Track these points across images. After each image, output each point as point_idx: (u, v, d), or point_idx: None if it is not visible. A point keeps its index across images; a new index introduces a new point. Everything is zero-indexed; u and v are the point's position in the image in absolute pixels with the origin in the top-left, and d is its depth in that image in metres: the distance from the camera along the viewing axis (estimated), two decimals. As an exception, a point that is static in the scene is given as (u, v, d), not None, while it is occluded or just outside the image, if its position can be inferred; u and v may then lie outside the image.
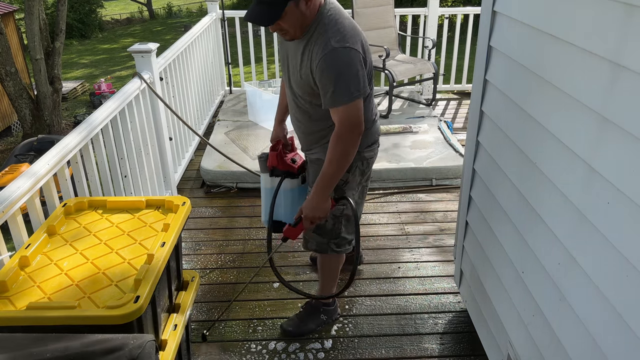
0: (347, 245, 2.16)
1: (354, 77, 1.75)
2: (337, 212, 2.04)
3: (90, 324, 1.35)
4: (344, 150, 1.82)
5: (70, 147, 2.01)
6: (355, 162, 1.97)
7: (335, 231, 2.09)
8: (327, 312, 2.35)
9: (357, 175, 2.03)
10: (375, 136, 2.05)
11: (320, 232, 2.10)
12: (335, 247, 2.13)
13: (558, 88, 1.36)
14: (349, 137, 1.81)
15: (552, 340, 1.43)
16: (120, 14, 28.69)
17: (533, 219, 1.53)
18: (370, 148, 2.03)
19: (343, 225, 2.09)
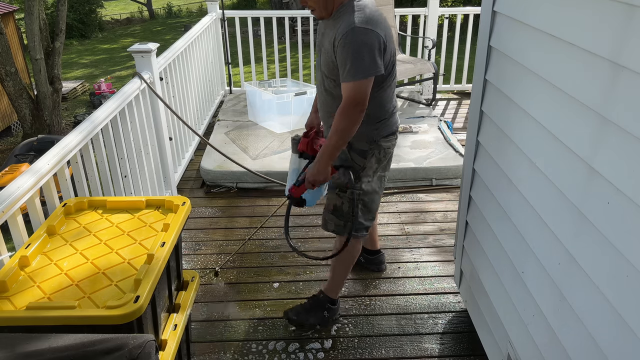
0: (364, 231, 2.24)
1: (371, 57, 1.85)
2: (354, 196, 2.11)
3: (90, 324, 1.35)
4: (347, 124, 1.92)
5: (70, 147, 2.01)
6: (372, 149, 2.08)
7: (353, 213, 2.15)
8: (331, 310, 2.37)
9: (373, 162, 2.12)
10: (393, 128, 2.13)
11: (337, 214, 2.19)
12: (352, 230, 2.17)
13: (558, 88, 1.36)
14: (352, 112, 1.90)
15: (552, 340, 1.43)
16: (120, 14, 28.69)
17: (533, 219, 1.53)
18: (388, 138, 2.11)
19: (360, 210, 2.17)
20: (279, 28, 5.25)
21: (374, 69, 1.87)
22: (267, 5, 21.59)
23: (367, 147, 2.09)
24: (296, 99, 4.17)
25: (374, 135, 2.07)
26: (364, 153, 2.09)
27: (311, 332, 2.32)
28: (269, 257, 2.87)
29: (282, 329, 2.34)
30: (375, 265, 2.71)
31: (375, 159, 2.12)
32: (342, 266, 2.31)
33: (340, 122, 1.93)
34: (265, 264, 2.81)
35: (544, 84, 1.44)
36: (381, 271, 2.72)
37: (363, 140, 2.07)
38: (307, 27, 5.76)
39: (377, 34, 1.85)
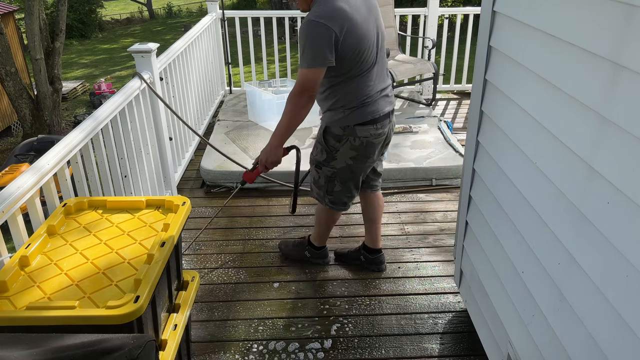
0: (342, 206, 2.47)
1: (317, 48, 2.01)
2: (329, 173, 2.35)
3: (90, 324, 1.35)
4: (292, 108, 2.13)
5: (70, 147, 2.01)
6: (346, 135, 2.23)
7: (328, 189, 2.40)
8: (312, 252, 2.74)
9: (347, 147, 2.26)
10: (369, 117, 2.21)
11: (317, 185, 2.45)
12: (329, 202, 2.46)
13: (558, 88, 1.36)
14: (298, 97, 2.10)
15: (552, 340, 1.43)
16: (120, 14, 28.68)
17: (533, 219, 1.53)
18: (364, 127, 2.21)
19: (337, 186, 2.38)
20: (279, 28, 5.25)
21: (320, 61, 2.02)
22: (267, 5, 21.59)
23: (341, 132, 2.23)
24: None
25: (346, 121, 2.20)
26: (339, 137, 2.24)
27: (311, 331, 2.32)
28: (269, 257, 2.87)
29: (282, 329, 2.34)
30: (376, 265, 2.73)
31: (350, 145, 2.24)
32: (319, 227, 2.64)
33: (288, 106, 2.13)
34: (265, 264, 2.81)
35: (544, 83, 1.44)
36: (381, 271, 2.72)
37: (337, 125, 2.24)
38: (307, 27, 5.75)
39: (326, 28, 1.99)
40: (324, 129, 2.29)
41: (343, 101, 2.18)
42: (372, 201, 2.61)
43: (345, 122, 2.20)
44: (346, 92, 2.17)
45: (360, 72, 2.14)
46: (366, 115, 2.19)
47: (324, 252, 2.76)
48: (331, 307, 2.47)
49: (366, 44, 2.11)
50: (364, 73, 2.15)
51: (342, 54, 2.05)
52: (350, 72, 2.12)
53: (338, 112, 2.21)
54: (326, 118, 2.28)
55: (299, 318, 2.41)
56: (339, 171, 2.32)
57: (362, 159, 2.29)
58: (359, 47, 2.08)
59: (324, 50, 2.00)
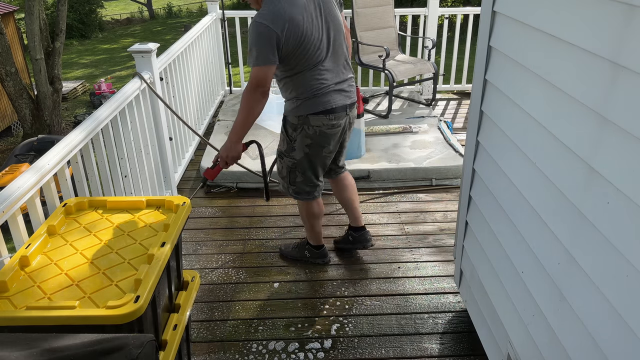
0: (305, 195, 2.56)
1: (260, 48, 2.14)
2: (289, 163, 2.48)
3: (90, 324, 1.35)
4: (247, 103, 2.24)
5: (71, 147, 2.01)
6: (301, 124, 2.36)
7: (290, 179, 2.52)
8: (311, 252, 2.78)
9: (303, 136, 2.38)
10: (321, 107, 2.32)
11: (280, 176, 2.57)
12: (293, 192, 2.57)
13: (558, 88, 1.36)
14: (251, 93, 2.22)
15: (552, 340, 1.43)
16: (120, 14, 28.69)
17: (533, 219, 1.53)
18: (317, 117, 2.33)
19: (298, 176, 2.50)
20: (279, 28, 5.24)
21: (263, 60, 2.15)
22: (267, 5, 21.54)
23: (296, 121, 2.36)
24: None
25: (299, 110, 2.33)
26: (294, 126, 2.38)
27: (311, 331, 2.32)
28: (269, 257, 2.87)
29: (282, 329, 2.34)
30: (361, 244, 2.81)
31: (305, 133, 2.37)
32: (303, 222, 2.72)
33: (243, 102, 2.26)
34: (265, 264, 2.81)
35: (544, 84, 1.44)
36: (367, 248, 2.83)
37: (293, 115, 2.37)
38: (307, 27, 5.75)
39: (267, 29, 2.12)
40: (283, 119, 2.45)
41: (296, 92, 2.32)
42: (340, 183, 2.74)
43: (298, 111, 2.34)
44: (298, 84, 2.30)
45: (308, 67, 2.27)
46: (318, 106, 2.31)
47: (323, 251, 2.78)
48: (331, 307, 2.47)
49: (311, 41, 2.22)
50: (312, 68, 2.28)
51: (286, 52, 2.19)
52: (297, 67, 2.26)
53: (293, 102, 2.35)
54: (285, 107, 2.44)
55: (299, 318, 2.41)
56: (298, 162, 2.45)
57: (317, 148, 2.41)
58: (303, 44, 2.20)
59: (266, 50, 2.14)
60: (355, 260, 2.83)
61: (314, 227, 2.69)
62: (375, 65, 4.73)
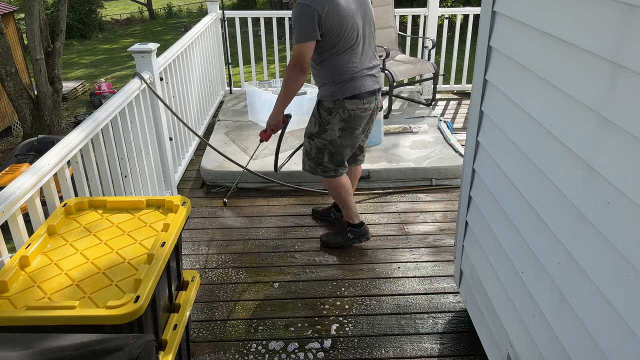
0: (333, 172, 2.73)
1: (303, 27, 2.39)
2: (320, 144, 2.66)
3: (90, 324, 1.35)
4: (288, 79, 2.51)
5: (71, 147, 2.01)
6: (336, 108, 2.55)
7: (319, 159, 2.70)
8: (354, 232, 2.89)
9: (337, 119, 2.58)
10: (356, 91, 2.53)
11: (308, 157, 2.75)
12: (321, 171, 2.75)
13: (558, 88, 1.36)
14: (291, 70, 2.47)
15: (552, 340, 1.43)
16: (120, 14, 28.69)
17: (533, 218, 1.53)
18: (352, 101, 2.53)
19: (326, 156, 2.69)
20: (279, 28, 5.25)
21: (306, 37, 2.38)
22: (267, 5, 21.58)
23: (332, 105, 2.55)
24: (296, 99, 4.15)
25: (336, 94, 2.52)
26: (330, 110, 2.57)
27: (311, 331, 2.32)
28: (269, 257, 2.87)
29: (282, 329, 2.34)
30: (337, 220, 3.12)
31: (340, 117, 2.57)
32: (338, 200, 2.85)
33: (285, 78, 2.52)
34: (265, 264, 2.82)
35: (544, 84, 1.44)
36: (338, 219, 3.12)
37: (328, 99, 2.55)
38: (307, 27, 5.76)
39: (311, 9, 2.36)
40: (318, 103, 2.63)
41: (333, 76, 2.51)
42: (352, 173, 3.00)
43: (335, 95, 2.52)
44: (334, 68, 2.50)
45: (344, 48, 2.48)
46: (353, 89, 2.52)
47: (365, 229, 2.90)
48: (331, 307, 2.47)
49: (348, 24, 2.44)
50: (348, 50, 2.49)
51: (325, 30, 2.41)
52: (335, 48, 2.46)
53: (330, 87, 2.53)
54: (320, 92, 2.61)
55: (299, 318, 2.41)
56: (329, 142, 2.64)
57: (349, 130, 2.62)
58: (340, 25, 2.42)
59: (308, 28, 2.37)
60: (355, 260, 2.83)
61: (347, 202, 2.82)
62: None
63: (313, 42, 2.40)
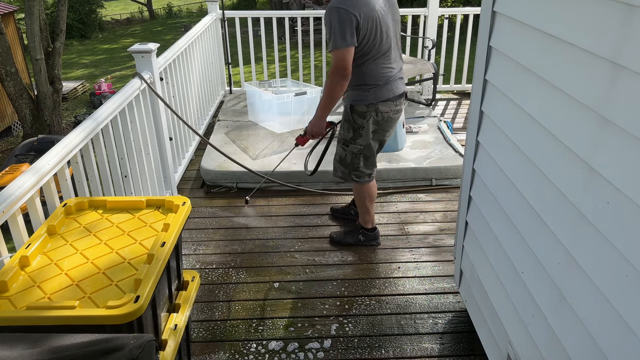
0: (367, 178, 2.74)
1: (341, 31, 2.33)
2: (355, 150, 2.65)
3: (90, 324, 1.35)
4: (331, 85, 2.46)
5: (71, 147, 2.01)
6: (370, 111, 2.55)
7: (354, 165, 2.70)
8: (365, 235, 2.91)
9: (371, 123, 2.58)
10: (390, 94, 2.55)
11: (343, 163, 2.73)
12: (355, 177, 2.73)
13: (558, 88, 1.36)
14: (333, 76, 2.42)
15: (552, 340, 1.43)
16: (120, 14, 28.69)
17: (533, 218, 1.53)
18: (385, 103, 2.55)
19: (361, 161, 2.68)
20: (279, 28, 5.25)
21: (346, 42, 2.34)
22: (267, 5, 21.59)
23: (365, 109, 2.54)
24: (296, 99, 4.17)
25: (370, 98, 2.52)
26: (363, 114, 2.55)
27: (311, 331, 2.32)
28: (269, 257, 2.87)
29: (282, 329, 2.34)
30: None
31: (373, 120, 2.57)
32: (361, 206, 2.84)
33: (327, 83, 2.47)
34: (265, 264, 2.82)
35: (544, 84, 1.44)
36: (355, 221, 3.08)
37: (362, 104, 2.54)
38: (307, 27, 5.77)
39: (347, 13, 2.32)
40: (350, 108, 2.58)
41: (365, 80, 2.51)
42: None
43: (369, 99, 2.52)
44: (368, 72, 2.49)
45: (380, 53, 2.48)
46: (387, 93, 2.54)
47: (377, 233, 2.94)
48: (331, 307, 2.47)
49: (383, 29, 2.45)
50: (383, 55, 2.49)
51: (362, 36, 2.38)
52: (371, 53, 2.45)
53: (362, 91, 2.52)
54: (351, 97, 2.57)
55: (299, 318, 2.41)
56: (364, 147, 2.64)
57: (381, 133, 2.65)
58: (376, 30, 2.42)
59: (347, 34, 2.33)
60: (355, 260, 2.83)
61: (369, 210, 2.85)
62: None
63: (352, 48, 2.37)
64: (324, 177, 3.60)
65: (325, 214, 3.28)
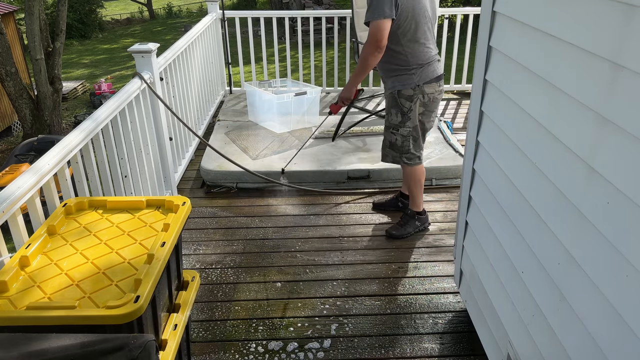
0: (417, 160, 2.86)
1: (380, 4, 2.45)
2: (405, 132, 2.77)
3: (90, 324, 1.35)
4: (364, 56, 2.59)
5: (71, 147, 2.01)
6: (416, 94, 2.67)
7: (405, 147, 2.81)
8: (420, 219, 3.02)
9: (418, 105, 2.70)
10: (433, 75, 2.69)
11: (393, 147, 2.85)
12: (406, 160, 2.85)
13: (558, 88, 1.36)
14: (369, 47, 2.54)
15: (552, 340, 1.43)
16: (120, 14, 28.71)
17: (533, 218, 1.53)
18: (430, 85, 2.68)
19: (411, 143, 2.80)
20: (279, 28, 5.25)
21: (380, 13, 2.44)
22: (267, 5, 21.59)
23: (412, 92, 2.66)
24: (296, 99, 4.17)
25: (415, 81, 2.64)
26: (410, 97, 2.67)
27: (310, 331, 2.32)
28: (269, 257, 2.87)
29: (282, 329, 2.34)
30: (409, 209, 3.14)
31: (420, 102, 2.69)
32: (414, 188, 2.94)
33: (361, 54, 2.61)
34: (265, 264, 2.82)
35: (544, 84, 1.44)
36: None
37: (408, 87, 2.65)
38: (307, 27, 5.77)
39: None
40: (397, 93, 2.70)
41: (412, 63, 2.62)
42: None
43: (415, 81, 2.64)
44: (414, 54, 2.61)
45: (420, 33, 2.59)
46: (431, 73, 2.67)
47: (427, 216, 3.06)
48: (331, 307, 2.47)
49: (422, 9, 2.57)
50: (423, 35, 2.60)
51: (402, 13, 2.50)
52: (410, 31, 2.56)
53: (407, 75, 2.64)
54: (394, 83, 2.70)
55: (299, 318, 2.41)
56: (413, 129, 2.76)
57: (428, 114, 2.76)
58: (415, 9, 2.54)
59: (386, 5, 2.45)
60: (355, 260, 2.83)
61: (420, 193, 2.97)
62: (375, 65, 4.72)
63: (389, 20, 2.46)
64: (324, 177, 3.60)
65: (325, 214, 3.28)
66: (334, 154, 3.80)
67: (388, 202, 3.30)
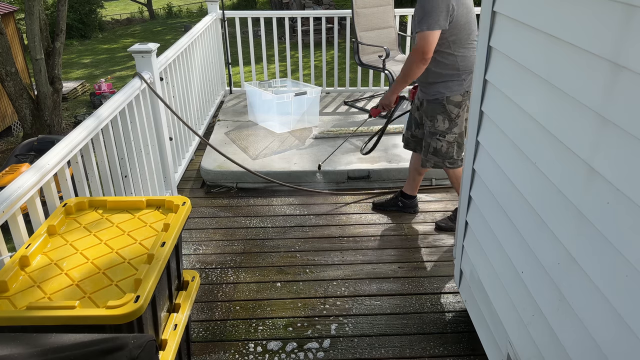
0: (459, 162, 2.85)
1: (436, 14, 2.43)
2: (451, 139, 2.76)
3: (90, 324, 1.35)
4: (409, 65, 2.60)
5: (70, 147, 2.01)
6: (465, 100, 2.68)
7: (449, 153, 2.81)
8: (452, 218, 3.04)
9: (464, 111, 2.71)
10: None
11: (437, 154, 2.82)
12: (448, 164, 2.85)
13: (558, 88, 1.36)
14: (414, 57, 2.55)
15: (552, 340, 1.43)
16: (120, 14, 28.71)
17: (533, 218, 1.53)
18: None
19: (455, 149, 2.80)
20: (279, 28, 5.25)
21: (437, 25, 2.43)
22: (267, 6, 21.60)
23: (460, 98, 2.66)
24: (296, 99, 4.17)
25: (465, 87, 2.63)
26: (459, 104, 2.67)
27: (310, 331, 2.32)
28: (269, 257, 2.87)
29: (282, 329, 2.34)
30: (412, 208, 3.25)
31: (467, 108, 2.66)
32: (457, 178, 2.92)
33: (406, 62, 2.62)
34: (265, 264, 2.82)
35: (544, 84, 1.44)
36: (416, 213, 3.24)
37: (457, 93, 2.65)
38: (307, 27, 5.77)
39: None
40: (445, 100, 2.68)
41: (461, 67, 2.61)
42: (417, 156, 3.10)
43: (465, 87, 2.64)
44: (465, 61, 2.60)
45: (469, 41, 2.59)
46: None
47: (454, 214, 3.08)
48: (331, 307, 2.47)
49: (472, 17, 2.59)
50: (471, 42, 2.60)
51: (456, 22, 2.50)
52: (459, 41, 2.56)
53: (458, 81, 2.63)
54: (444, 89, 2.67)
55: (299, 318, 2.41)
56: (459, 135, 2.76)
57: None
58: (467, 18, 2.55)
59: (440, 17, 2.44)
60: (355, 260, 2.83)
61: None
62: (375, 65, 4.73)
63: (440, 31, 2.46)
64: (324, 177, 3.60)
65: (325, 214, 3.28)
66: (334, 153, 3.80)
67: (388, 202, 3.28)
